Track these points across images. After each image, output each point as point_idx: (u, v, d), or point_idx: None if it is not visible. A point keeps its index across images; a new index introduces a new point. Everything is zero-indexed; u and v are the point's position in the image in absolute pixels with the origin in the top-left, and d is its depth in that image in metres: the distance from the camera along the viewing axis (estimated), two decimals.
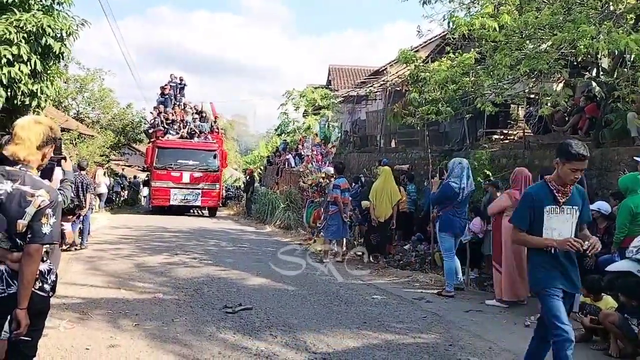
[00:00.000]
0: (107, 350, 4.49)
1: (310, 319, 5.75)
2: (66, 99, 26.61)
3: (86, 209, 10.19)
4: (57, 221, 2.81)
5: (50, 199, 2.77)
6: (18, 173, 2.79)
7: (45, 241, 2.75)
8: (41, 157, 2.94)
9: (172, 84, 24.21)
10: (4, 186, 2.74)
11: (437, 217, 7.64)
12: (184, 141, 21.03)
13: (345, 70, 29.97)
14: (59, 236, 2.88)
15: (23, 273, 2.70)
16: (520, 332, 5.62)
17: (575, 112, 10.13)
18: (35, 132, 2.88)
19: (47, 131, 2.93)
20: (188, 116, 22.67)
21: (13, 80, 9.26)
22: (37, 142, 2.88)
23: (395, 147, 18.18)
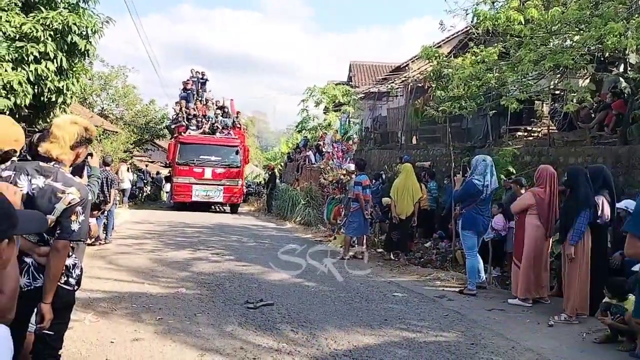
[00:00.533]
0: (131, 344, 4.56)
1: (331, 315, 5.76)
2: (91, 95, 27.05)
3: (110, 204, 10.34)
4: (85, 219, 2.86)
5: (81, 197, 2.82)
6: (51, 169, 2.85)
7: (73, 238, 2.81)
8: (74, 157, 2.99)
9: (194, 79, 23.98)
10: (37, 181, 2.80)
11: (459, 214, 7.56)
12: (206, 137, 20.78)
13: (366, 66, 29.85)
14: (87, 233, 2.93)
15: (50, 268, 2.75)
16: (543, 331, 5.55)
17: (602, 108, 9.93)
18: (70, 132, 2.93)
19: (82, 132, 2.98)
20: (210, 111, 22.38)
21: (40, 77, 9.45)
22: (71, 142, 2.93)
23: (417, 144, 18.05)
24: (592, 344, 5.14)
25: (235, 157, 20.67)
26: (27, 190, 2.77)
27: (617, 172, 8.50)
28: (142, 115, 29.02)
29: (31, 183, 2.79)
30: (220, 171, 20.13)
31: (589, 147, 9.58)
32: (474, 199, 7.22)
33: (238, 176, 20.73)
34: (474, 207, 7.24)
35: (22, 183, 2.79)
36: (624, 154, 8.65)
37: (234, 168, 20.52)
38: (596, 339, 5.21)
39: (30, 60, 9.17)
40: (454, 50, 15.05)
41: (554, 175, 6.72)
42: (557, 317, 5.93)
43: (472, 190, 7.21)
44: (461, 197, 7.49)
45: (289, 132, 40.04)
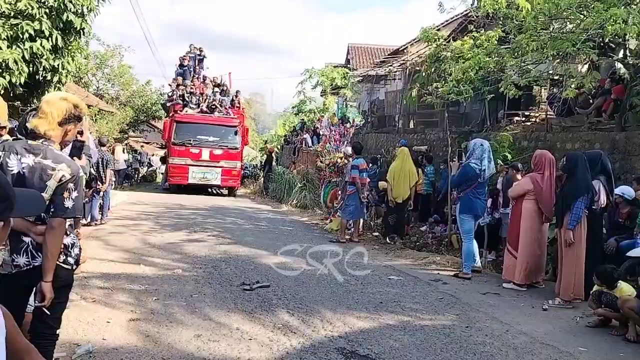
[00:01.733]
0: (127, 324, 4.57)
1: (327, 298, 5.79)
2: (86, 75, 26.81)
3: (106, 184, 10.31)
4: (79, 195, 2.84)
5: (72, 173, 2.79)
6: (40, 147, 2.81)
7: (68, 215, 2.79)
8: (62, 134, 2.94)
9: (191, 55, 22.89)
10: (27, 160, 2.77)
11: (457, 198, 7.56)
12: (203, 116, 19.69)
13: (364, 49, 29.65)
14: (82, 210, 2.90)
15: (47, 246, 2.73)
16: (537, 315, 5.60)
17: (600, 94, 9.91)
18: (59, 107, 2.89)
19: (71, 108, 2.93)
20: (208, 89, 21.17)
21: (35, 56, 9.37)
22: (59, 118, 2.89)
23: (414, 128, 18.04)
24: (585, 328, 5.20)
25: (234, 137, 19.75)
26: (17, 170, 2.75)
27: (614, 159, 8.52)
28: (138, 95, 28.79)
29: (21, 162, 2.76)
30: (218, 152, 19.23)
31: (586, 133, 9.58)
32: (471, 183, 7.23)
33: (237, 158, 19.90)
34: (471, 190, 7.25)
35: (12, 163, 2.76)
36: (621, 140, 8.66)
37: (233, 149, 19.64)
38: (589, 323, 5.27)
39: (26, 38, 9.08)
40: (454, 34, 14.94)
41: (552, 161, 6.73)
42: (551, 301, 5.98)
43: (470, 174, 7.22)
44: (458, 182, 7.49)
45: (286, 115, 39.86)
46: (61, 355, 3.73)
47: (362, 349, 4.28)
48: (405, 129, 18.36)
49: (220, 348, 4.14)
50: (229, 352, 4.06)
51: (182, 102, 19.89)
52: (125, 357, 3.84)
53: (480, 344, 4.55)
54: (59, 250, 2.82)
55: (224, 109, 20.21)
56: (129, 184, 22.58)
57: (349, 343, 4.40)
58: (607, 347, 4.68)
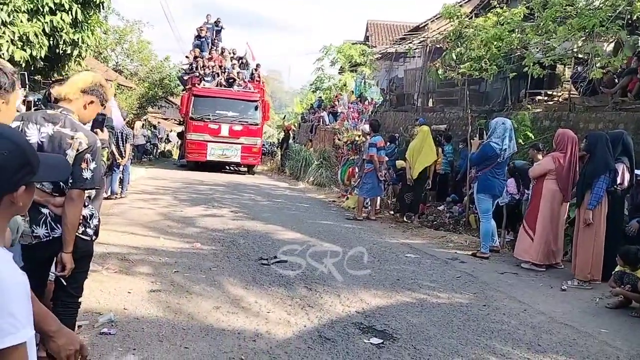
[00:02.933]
0: (148, 295, 4.64)
1: (344, 274, 5.80)
2: (105, 49, 26.88)
3: (126, 158, 10.40)
4: (97, 166, 2.83)
5: (89, 143, 2.80)
6: (59, 116, 2.82)
7: (87, 186, 2.79)
8: (83, 104, 2.93)
9: (209, 26, 21.84)
10: (46, 129, 2.77)
11: (475, 178, 7.48)
12: (222, 90, 18.81)
13: (384, 26, 29.24)
14: (101, 181, 2.92)
15: (67, 217, 2.75)
16: (556, 295, 5.57)
17: (626, 73, 9.66)
18: (84, 77, 2.92)
19: (97, 82, 2.95)
20: (227, 62, 20.26)
21: (55, 29, 9.39)
22: (82, 86, 2.90)
23: (433, 107, 17.83)
24: (604, 309, 5.15)
25: (255, 113, 18.91)
26: (36, 139, 2.75)
27: (638, 140, 8.33)
28: (156, 71, 28.83)
29: (40, 132, 2.77)
30: (238, 128, 18.39)
31: (610, 113, 9.37)
32: (491, 162, 7.13)
33: (257, 134, 19.11)
34: (490, 170, 7.16)
35: (31, 132, 2.76)
36: None
37: (253, 125, 18.81)
38: (609, 304, 5.22)
39: (46, 11, 9.09)
40: (476, 10, 14.64)
41: (575, 140, 6.61)
42: (570, 282, 5.94)
43: (490, 153, 7.11)
44: (478, 160, 7.40)
45: (303, 93, 39.66)
46: (84, 324, 3.81)
47: (379, 324, 4.30)
48: (424, 107, 18.16)
49: (239, 320, 4.19)
50: (247, 325, 4.11)
51: (200, 74, 19.09)
52: (146, 327, 3.91)
53: (498, 323, 4.54)
54: (79, 222, 2.84)
55: (243, 82, 19.40)
56: (148, 160, 22.74)
57: (366, 318, 4.42)
58: (627, 328, 4.64)
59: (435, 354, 3.78)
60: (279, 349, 3.69)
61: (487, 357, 3.79)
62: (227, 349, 3.62)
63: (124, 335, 3.72)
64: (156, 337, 3.75)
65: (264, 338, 3.87)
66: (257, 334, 3.93)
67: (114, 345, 3.56)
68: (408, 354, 3.74)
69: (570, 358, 3.87)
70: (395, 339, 4.01)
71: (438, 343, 3.98)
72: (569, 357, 3.89)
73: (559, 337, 4.28)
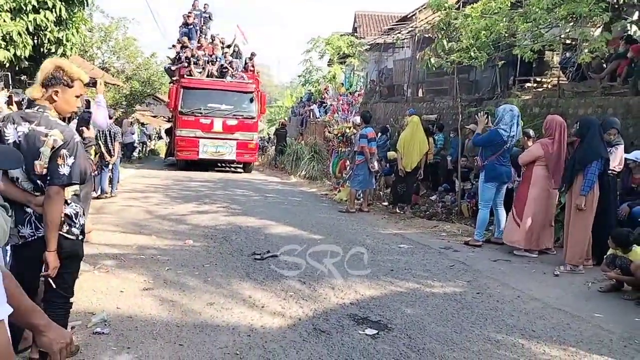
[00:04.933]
0: (141, 293, 4.61)
1: (338, 266, 5.79)
2: (91, 47, 26.61)
3: (115, 157, 10.33)
4: (76, 161, 2.78)
5: (65, 139, 2.75)
6: (35, 115, 2.80)
7: (64, 182, 2.74)
8: (49, 97, 2.85)
9: (196, 12, 20.31)
10: (22, 128, 2.76)
11: (482, 167, 7.42)
12: (214, 81, 17.40)
13: (372, 16, 29.15)
14: (80, 177, 2.83)
15: (46, 215, 2.72)
16: (548, 281, 5.59)
17: (614, 58, 9.68)
18: (43, 69, 2.86)
19: (52, 69, 2.84)
20: (218, 51, 18.77)
21: (39, 28, 9.28)
22: (41, 79, 2.85)
23: (423, 97, 17.81)
24: (597, 293, 5.19)
25: (250, 105, 17.47)
26: (14, 139, 2.74)
27: (628, 124, 8.38)
28: (143, 68, 28.59)
29: (17, 131, 2.75)
30: (232, 123, 16.99)
31: (599, 98, 9.40)
32: (497, 149, 7.10)
33: (253, 129, 17.69)
34: (497, 158, 7.12)
35: (9, 132, 2.76)
36: (635, 105, 8.49)
37: (249, 119, 17.39)
38: (601, 288, 5.25)
39: (29, 9, 8.98)
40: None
41: (563, 125, 6.62)
42: (562, 267, 5.97)
43: (498, 140, 7.07)
44: (483, 143, 7.28)
45: (293, 86, 39.54)
46: (77, 324, 3.78)
47: (373, 315, 4.30)
48: (414, 97, 18.14)
49: (233, 315, 4.17)
50: (241, 320, 4.09)
51: (190, 65, 17.65)
52: (139, 325, 3.88)
53: (492, 310, 4.55)
54: (59, 219, 2.79)
55: (236, 72, 18.06)
56: (137, 158, 22.58)
57: (360, 310, 4.42)
58: (620, 311, 4.67)
59: (430, 342, 3.78)
60: (274, 342, 3.68)
61: (482, 344, 3.80)
62: (222, 345, 3.60)
63: (117, 335, 3.70)
64: (150, 335, 3.72)
65: (258, 332, 3.85)
66: (252, 329, 3.91)
67: (107, 344, 3.53)
68: (403, 343, 3.74)
69: (564, 342, 3.88)
70: (390, 329, 4.01)
71: (432, 332, 3.98)
72: (562, 341, 3.90)
73: (552, 322, 4.30)
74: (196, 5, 20.74)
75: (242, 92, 17.53)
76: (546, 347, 3.79)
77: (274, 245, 6.63)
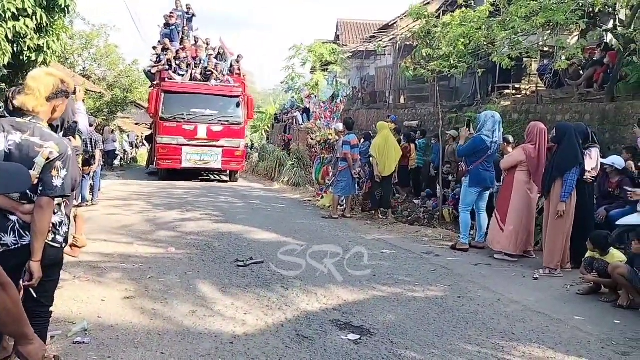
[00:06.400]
0: (122, 302, 4.57)
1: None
2: (72, 55, 26.37)
3: (96, 165, 10.23)
4: (68, 174, 2.79)
5: (60, 151, 2.75)
6: (28, 125, 2.77)
7: (57, 194, 2.75)
8: (51, 110, 2.90)
9: (179, 12, 19.15)
10: (13, 137, 2.72)
11: (467, 172, 7.53)
12: (198, 84, 16.33)
13: (354, 24, 29.36)
14: (71, 189, 2.87)
15: (35, 225, 2.71)
16: (528, 284, 5.68)
17: (590, 65, 9.90)
18: (46, 83, 2.84)
19: (58, 83, 2.88)
20: (202, 53, 17.74)
21: (19, 35, 9.17)
22: (47, 94, 2.84)
23: (405, 103, 18.00)
24: (576, 296, 5.28)
25: (236, 110, 16.54)
26: (3, 147, 2.71)
27: (604, 129, 8.57)
28: (125, 75, 28.40)
29: (7, 139, 2.72)
30: (217, 129, 16.02)
31: (577, 104, 9.60)
32: (481, 155, 7.20)
33: (240, 135, 16.72)
34: (481, 163, 7.23)
35: None
36: (611, 111, 8.69)
37: (235, 125, 16.42)
38: (580, 291, 5.35)
39: (8, 17, 8.86)
40: (443, 7, 14.82)
41: (544, 132, 6.74)
42: (542, 270, 6.06)
43: (481, 146, 7.19)
44: (466, 152, 7.41)
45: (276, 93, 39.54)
46: (57, 333, 3.74)
47: (356, 320, 4.32)
48: (396, 104, 18.32)
49: (216, 323, 4.16)
50: (224, 327, 4.08)
51: (170, 67, 16.51)
52: (121, 334, 3.85)
53: (473, 313, 4.61)
54: (48, 230, 2.79)
55: (222, 75, 16.92)
56: (120, 166, 22.39)
57: (343, 315, 4.44)
58: (597, 313, 4.76)
59: (412, 346, 3.82)
60: (257, 349, 3.68)
61: (463, 346, 3.85)
62: (205, 352, 3.59)
63: (98, 344, 3.66)
64: (131, 344, 3.70)
65: (241, 339, 3.85)
66: (235, 336, 3.91)
67: (88, 354, 3.50)
68: (385, 348, 3.77)
69: (543, 345, 3.95)
70: (372, 334, 4.04)
71: (414, 336, 4.02)
72: (542, 344, 3.97)
73: (532, 325, 4.37)
74: (178, 5, 19.60)
75: (227, 96, 16.61)
76: (526, 349, 3.85)
77: (257, 252, 6.63)
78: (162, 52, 17.23)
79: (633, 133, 7.68)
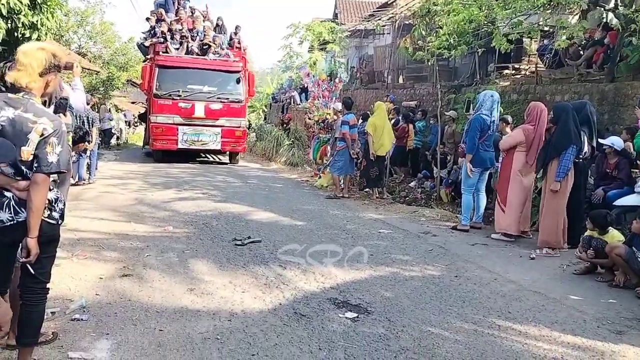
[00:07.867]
0: (120, 279, 4.58)
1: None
2: (67, 32, 26.06)
3: (93, 143, 10.17)
4: (63, 150, 2.78)
5: (54, 127, 2.74)
6: (21, 101, 2.75)
7: (52, 170, 2.73)
8: (44, 85, 2.86)
9: None
10: (6, 113, 2.70)
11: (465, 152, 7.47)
12: (195, 58, 15.11)
13: (353, 2, 29.01)
14: (67, 165, 2.84)
15: (32, 202, 2.70)
16: (525, 264, 5.70)
17: (591, 45, 9.82)
18: (38, 58, 2.79)
19: (50, 58, 2.83)
20: (199, 24, 16.35)
21: (13, 12, 9.03)
22: (40, 69, 2.80)
23: (403, 83, 17.88)
24: (572, 276, 5.31)
25: (237, 87, 15.38)
26: None
27: (603, 110, 8.54)
28: (120, 53, 28.11)
29: (0, 115, 2.69)
30: (216, 107, 14.87)
31: (576, 85, 9.55)
32: (482, 135, 7.16)
33: (241, 114, 15.54)
34: (481, 144, 7.19)
35: None
36: (610, 92, 8.65)
37: (236, 102, 15.26)
38: (576, 271, 5.38)
39: None
40: None
41: (544, 112, 6.70)
42: (538, 250, 6.08)
43: (482, 125, 7.15)
44: (472, 135, 7.22)
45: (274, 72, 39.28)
46: (55, 310, 3.76)
47: (353, 298, 4.34)
48: (395, 84, 18.20)
49: (214, 301, 4.18)
50: (222, 305, 4.10)
51: (165, 40, 15.28)
52: (119, 311, 3.87)
53: (469, 292, 4.63)
54: (44, 206, 2.78)
55: (220, 49, 15.66)
56: (117, 145, 22.26)
57: (340, 293, 4.46)
58: (593, 292, 4.79)
59: (409, 324, 3.84)
60: (255, 327, 3.70)
61: (460, 325, 3.87)
62: (203, 330, 3.61)
63: (96, 321, 3.68)
64: (130, 321, 3.71)
65: (239, 317, 3.87)
66: (233, 314, 3.93)
67: (86, 331, 3.51)
68: (382, 326, 3.79)
69: (539, 324, 3.98)
70: (369, 312, 4.06)
71: (411, 314, 4.04)
72: (537, 322, 4.00)
73: (528, 304, 4.40)
74: None
75: (227, 71, 15.36)
76: (522, 328, 3.87)
77: (254, 231, 6.64)
78: (156, 24, 15.96)
79: (633, 114, 7.65)
